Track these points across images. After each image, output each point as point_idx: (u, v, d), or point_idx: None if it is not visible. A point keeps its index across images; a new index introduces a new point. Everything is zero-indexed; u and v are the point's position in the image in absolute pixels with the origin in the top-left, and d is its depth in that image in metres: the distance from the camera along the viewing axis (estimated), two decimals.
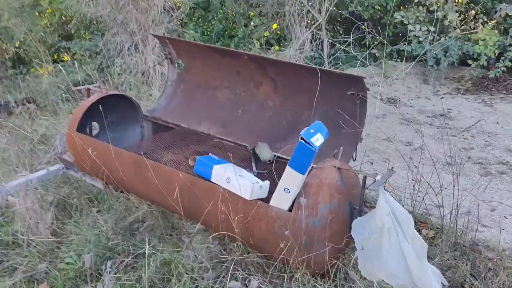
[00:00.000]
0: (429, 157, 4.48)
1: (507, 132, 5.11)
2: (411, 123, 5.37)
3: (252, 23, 7.50)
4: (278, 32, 7.53)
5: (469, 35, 6.70)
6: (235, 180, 2.41)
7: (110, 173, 3.01)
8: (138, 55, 6.56)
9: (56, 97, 6.16)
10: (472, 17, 6.61)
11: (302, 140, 2.07)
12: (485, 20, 6.75)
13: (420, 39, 6.66)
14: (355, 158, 2.84)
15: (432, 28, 6.64)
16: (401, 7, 7.48)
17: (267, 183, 2.42)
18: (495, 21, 6.72)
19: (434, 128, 5.31)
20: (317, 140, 2.08)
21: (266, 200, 2.42)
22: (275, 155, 2.93)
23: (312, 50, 6.90)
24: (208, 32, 7.91)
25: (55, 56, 7.90)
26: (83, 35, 7.81)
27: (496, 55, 6.30)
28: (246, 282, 2.52)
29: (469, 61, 6.38)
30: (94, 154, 2.91)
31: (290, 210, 2.30)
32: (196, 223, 2.86)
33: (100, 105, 2.93)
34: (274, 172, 2.68)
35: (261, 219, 2.37)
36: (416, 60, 6.56)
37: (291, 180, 2.21)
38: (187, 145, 3.19)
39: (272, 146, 3.08)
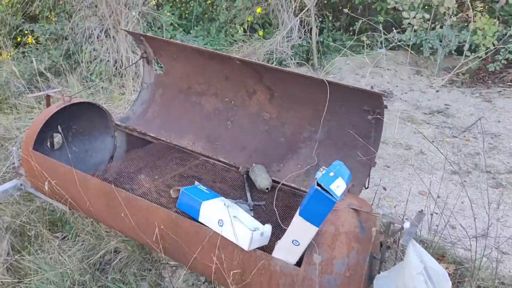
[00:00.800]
0: (432, 163, 4.11)
1: (510, 133, 4.77)
2: (409, 124, 4.98)
3: (234, 6, 6.90)
4: (263, 17, 6.98)
5: (466, 24, 6.30)
6: (229, 224, 1.95)
7: (74, 201, 2.51)
8: (109, 42, 5.93)
9: (17, 88, 5.53)
10: (469, 4, 6.18)
11: (319, 188, 1.62)
12: (482, 7, 6.36)
13: (415, 27, 6.23)
14: (368, 186, 2.42)
15: (427, 15, 6.21)
16: None
17: (268, 228, 1.97)
18: (488, 6, 6.33)
19: (433, 128, 4.93)
20: (338, 187, 1.63)
21: (268, 247, 1.99)
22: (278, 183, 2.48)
23: (300, 37, 6.39)
24: (186, 15, 7.29)
25: (18, 39, 7.16)
26: (49, 17, 7.07)
27: (495, 46, 5.93)
28: None
29: (467, 53, 5.99)
30: (55, 181, 2.40)
31: (298, 264, 1.87)
32: None
33: (59, 126, 2.40)
34: (276, 209, 2.23)
35: (262, 274, 1.93)
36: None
37: (302, 232, 1.76)
38: (168, 166, 2.69)
39: (268, 168, 2.62)
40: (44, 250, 2.85)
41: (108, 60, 5.87)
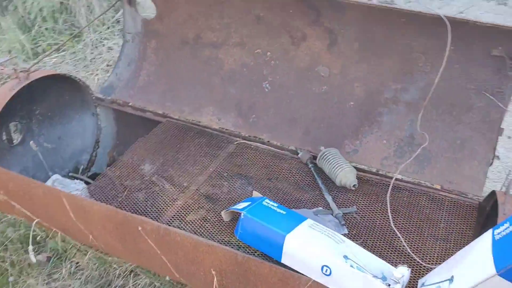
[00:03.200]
0: None
1: None
2: None
3: None
4: None
5: None
6: (345, 274, 1.22)
7: (69, 235, 1.69)
8: None
9: None
10: None
11: None
12: None
13: None
14: (492, 162, 1.72)
15: None
16: None
17: (407, 274, 1.26)
18: None
19: None
20: None
21: None
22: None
23: None
24: None
25: None
26: None
27: None
28: None
29: None
30: (37, 219, 1.55)
31: None
32: None
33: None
34: (399, 234, 1.51)
35: None
36: None
37: None
38: (194, 159, 1.87)
39: (340, 148, 1.86)
40: (30, 285, 2.05)
41: None
